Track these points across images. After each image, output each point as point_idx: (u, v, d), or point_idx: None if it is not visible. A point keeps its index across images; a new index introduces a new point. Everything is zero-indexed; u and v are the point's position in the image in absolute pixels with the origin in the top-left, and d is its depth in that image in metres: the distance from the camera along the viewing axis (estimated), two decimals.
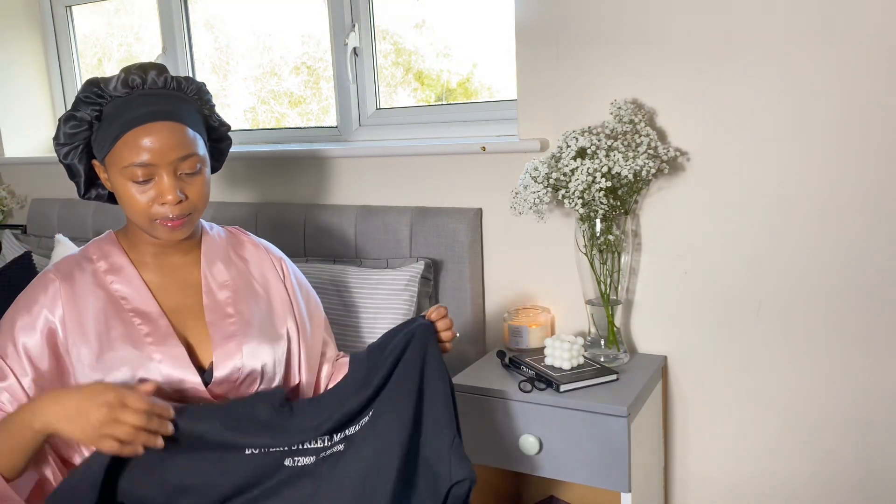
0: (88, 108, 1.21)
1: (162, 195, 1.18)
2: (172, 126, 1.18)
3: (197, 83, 1.28)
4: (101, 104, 1.21)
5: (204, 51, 2.53)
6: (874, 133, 1.48)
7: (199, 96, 1.28)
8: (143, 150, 1.16)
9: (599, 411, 1.46)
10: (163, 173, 1.18)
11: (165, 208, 1.19)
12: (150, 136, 1.16)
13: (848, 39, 1.47)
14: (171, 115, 1.19)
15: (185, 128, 1.20)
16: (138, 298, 1.24)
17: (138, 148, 1.16)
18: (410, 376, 1.21)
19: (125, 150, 1.17)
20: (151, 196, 1.19)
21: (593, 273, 1.66)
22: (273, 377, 1.30)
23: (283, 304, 1.36)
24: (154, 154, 1.16)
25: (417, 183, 1.97)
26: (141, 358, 1.19)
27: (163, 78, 1.22)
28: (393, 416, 1.18)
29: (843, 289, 1.55)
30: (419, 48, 2.17)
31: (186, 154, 1.19)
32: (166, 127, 1.18)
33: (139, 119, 1.17)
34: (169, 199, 1.18)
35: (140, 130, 1.17)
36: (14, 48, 2.72)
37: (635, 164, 1.53)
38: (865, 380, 1.56)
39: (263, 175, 2.21)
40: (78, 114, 1.21)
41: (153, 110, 1.18)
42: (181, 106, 1.22)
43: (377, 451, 1.16)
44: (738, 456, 1.71)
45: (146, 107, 1.18)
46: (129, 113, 1.18)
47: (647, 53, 1.64)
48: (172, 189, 1.18)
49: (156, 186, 1.18)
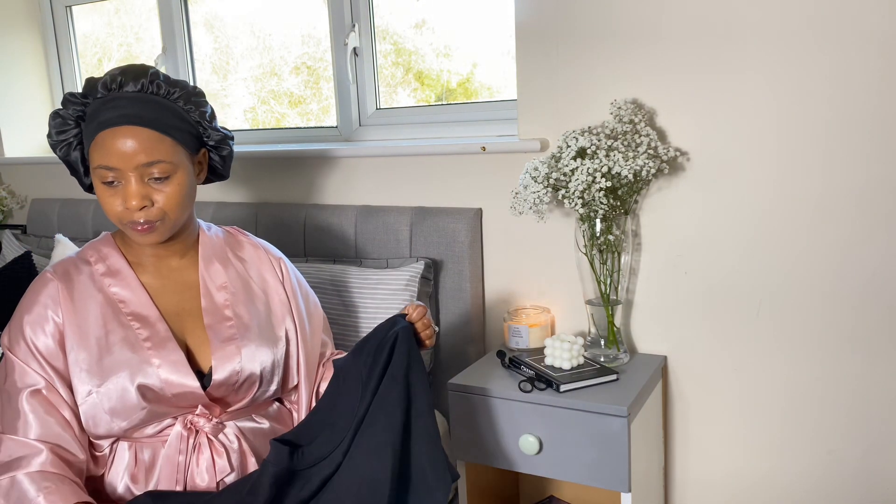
0: (72, 107, 1.23)
1: (126, 200, 1.19)
2: (138, 131, 1.18)
3: (186, 88, 1.26)
4: (84, 104, 1.23)
5: (204, 51, 2.53)
6: (874, 134, 1.48)
7: (185, 101, 1.25)
8: (109, 154, 1.17)
9: (599, 411, 1.46)
10: (130, 178, 1.18)
11: (132, 213, 1.19)
12: (116, 140, 1.17)
13: (848, 40, 1.47)
14: (140, 119, 1.18)
15: (155, 133, 1.19)
16: (136, 302, 1.24)
17: (105, 151, 1.17)
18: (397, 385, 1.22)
19: (95, 152, 1.19)
20: (121, 198, 1.19)
21: (593, 273, 1.66)
22: (271, 380, 1.30)
23: (281, 305, 1.35)
24: (119, 158, 1.17)
25: (417, 183, 1.97)
26: (139, 363, 1.19)
27: (140, 83, 1.21)
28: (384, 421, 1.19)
29: (844, 289, 1.55)
30: (419, 48, 2.17)
31: (153, 160, 1.18)
32: (131, 131, 1.17)
33: (108, 122, 1.18)
34: (132, 205, 1.18)
35: (107, 134, 1.17)
36: (14, 48, 2.72)
37: (635, 164, 1.53)
38: (866, 379, 1.56)
39: (263, 175, 2.21)
40: (62, 112, 1.24)
41: (123, 114, 1.18)
42: (157, 111, 1.21)
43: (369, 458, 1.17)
44: (738, 456, 1.71)
45: (117, 110, 1.18)
46: (102, 115, 1.19)
47: (646, 53, 1.64)
48: (136, 195, 1.18)
49: (123, 190, 1.19)
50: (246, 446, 1.27)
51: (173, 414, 1.22)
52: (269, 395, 1.32)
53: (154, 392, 1.18)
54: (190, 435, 1.22)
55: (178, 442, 1.21)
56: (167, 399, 1.19)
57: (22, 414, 1.16)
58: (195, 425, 1.23)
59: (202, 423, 1.23)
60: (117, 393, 1.17)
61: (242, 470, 1.25)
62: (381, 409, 1.20)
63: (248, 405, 1.29)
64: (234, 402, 1.27)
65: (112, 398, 1.17)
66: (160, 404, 1.20)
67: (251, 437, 1.29)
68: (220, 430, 1.25)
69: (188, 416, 1.23)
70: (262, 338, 1.29)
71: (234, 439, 1.26)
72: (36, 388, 1.17)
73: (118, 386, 1.17)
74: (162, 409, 1.20)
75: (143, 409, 1.18)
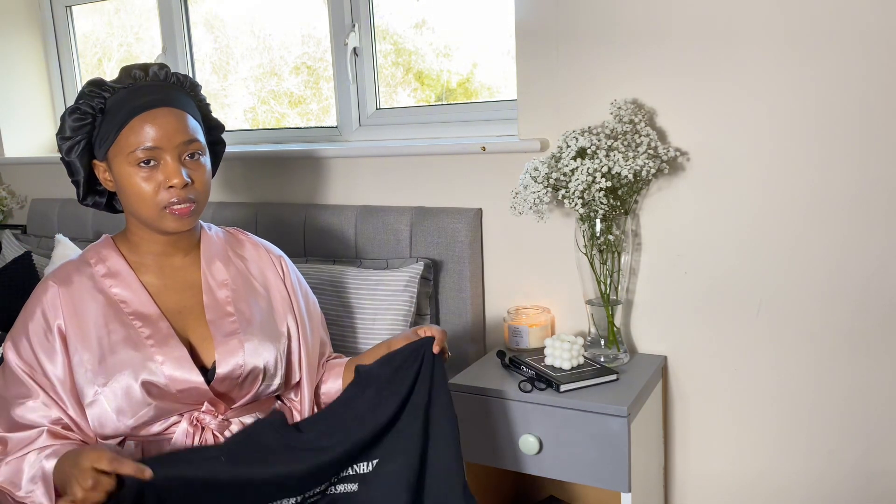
0: (93, 100, 1.24)
1: (168, 178, 1.20)
2: (176, 112, 1.23)
3: (193, 81, 1.32)
4: (104, 97, 1.24)
5: (204, 51, 2.53)
6: (873, 135, 1.48)
7: (194, 94, 1.32)
8: (148, 135, 1.19)
9: (599, 411, 1.46)
10: (167, 157, 1.21)
11: (172, 192, 1.21)
12: (156, 120, 1.20)
13: (849, 40, 1.47)
14: (175, 102, 1.24)
15: (187, 115, 1.25)
16: (137, 301, 1.25)
17: (143, 133, 1.19)
18: (418, 419, 1.21)
19: (130, 136, 1.20)
20: (158, 181, 1.21)
21: (593, 273, 1.66)
22: (274, 375, 1.30)
23: (283, 301, 1.36)
24: (159, 138, 1.20)
25: (417, 183, 1.97)
26: (143, 360, 1.19)
27: (164, 72, 1.27)
28: (402, 459, 1.19)
29: (844, 288, 1.55)
30: (419, 48, 2.17)
31: (190, 139, 1.23)
32: (171, 112, 1.22)
33: (144, 106, 1.21)
34: (176, 182, 1.20)
35: (145, 116, 1.20)
36: (14, 48, 2.72)
37: (635, 164, 1.53)
38: (865, 379, 1.56)
39: (263, 175, 2.21)
40: (82, 106, 1.24)
41: (157, 98, 1.22)
42: (182, 97, 1.27)
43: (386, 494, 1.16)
44: (738, 455, 1.71)
45: (150, 95, 1.22)
46: (133, 101, 1.22)
47: (647, 54, 1.64)
48: (178, 172, 1.21)
49: (162, 170, 1.21)
50: None
51: (179, 411, 1.23)
52: (273, 391, 1.32)
53: (159, 388, 1.19)
54: (196, 432, 1.23)
55: (184, 438, 1.22)
56: (172, 395, 1.20)
57: (21, 421, 1.18)
58: (201, 422, 1.24)
59: (208, 420, 1.24)
60: (122, 391, 1.18)
61: None
62: (400, 445, 1.20)
63: (252, 401, 1.30)
64: (238, 397, 1.27)
65: (118, 396, 1.18)
66: (165, 401, 1.20)
67: None
68: (226, 426, 1.25)
69: (194, 413, 1.24)
70: (265, 333, 1.30)
71: None
72: (36, 396, 1.19)
73: (123, 384, 1.18)
74: (167, 405, 1.21)
75: (148, 406, 1.19)
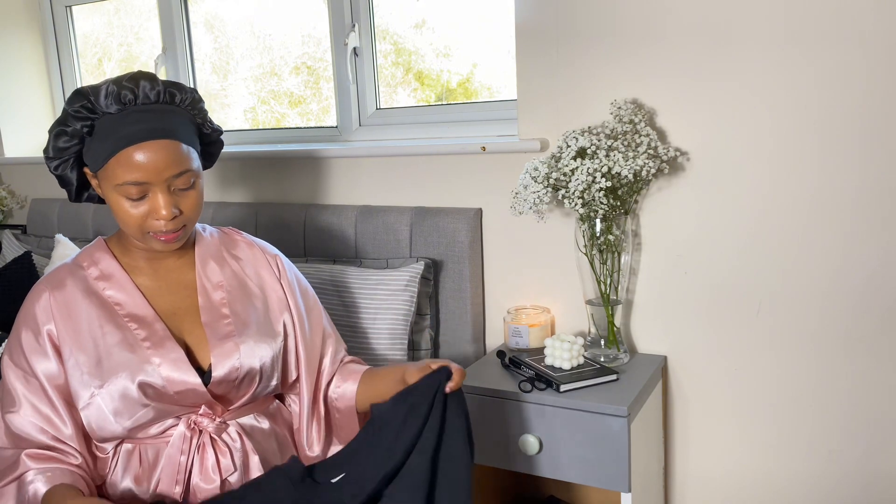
0: (79, 122, 1.18)
1: (156, 212, 1.18)
2: (167, 144, 1.17)
3: (189, 92, 1.25)
4: (92, 119, 1.18)
5: (204, 51, 2.53)
6: (873, 135, 1.48)
7: (191, 106, 1.25)
8: (137, 169, 1.15)
9: (599, 411, 1.46)
10: (157, 190, 1.18)
11: (160, 223, 1.19)
12: (145, 154, 1.15)
13: (849, 40, 1.47)
14: (166, 132, 1.17)
15: (179, 144, 1.19)
16: (132, 304, 1.24)
17: (132, 166, 1.15)
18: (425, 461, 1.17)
19: (118, 169, 1.16)
20: (144, 211, 1.19)
21: (593, 273, 1.66)
22: (272, 375, 1.30)
23: (279, 301, 1.36)
24: (148, 172, 1.16)
25: (417, 183, 1.97)
26: (139, 362, 1.19)
27: (155, 91, 1.20)
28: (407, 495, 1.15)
29: (844, 288, 1.55)
30: (419, 48, 2.17)
31: (181, 171, 1.18)
32: (160, 145, 1.16)
33: (132, 137, 1.15)
34: (163, 216, 1.18)
35: (134, 149, 1.15)
36: (14, 48, 2.72)
37: (635, 164, 1.53)
38: (867, 379, 1.56)
39: (263, 175, 2.21)
40: (68, 128, 1.19)
41: (147, 128, 1.16)
42: (174, 120, 1.20)
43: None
44: (739, 456, 1.71)
45: (139, 124, 1.16)
46: (122, 130, 1.16)
47: (647, 54, 1.64)
48: (167, 206, 1.18)
49: (150, 203, 1.18)
50: (248, 444, 1.27)
51: (177, 413, 1.22)
52: (270, 391, 1.32)
53: (156, 389, 1.19)
54: (193, 435, 1.22)
55: (181, 442, 1.22)
56: (170, 397, 1.20)
57: (17, 426, 1.19)
58: (199, 425, 1.23)
59: (206, 423, 1.23)
60: (119, 392, 1.17)
61: (245, 468, 1.26)
62: (406, 481, 1.16)
63: (249, 402, 1.29)
64: (235, 399, 1.27)
65: (114, 398, 1.17)
66: (162, 402, 1.20)
67: (253, 434, 1.29)
68: (224, 429, 1.25)
69: (192, 416, 1.23)
70: (260, 334, 1.29)
71: (237, 437, 1.26)
72: (32, 402, 1.19)
73: (119, 386, 1.17)
74: (165, 407, 1.21)
75: (145, 407, 1.19)
